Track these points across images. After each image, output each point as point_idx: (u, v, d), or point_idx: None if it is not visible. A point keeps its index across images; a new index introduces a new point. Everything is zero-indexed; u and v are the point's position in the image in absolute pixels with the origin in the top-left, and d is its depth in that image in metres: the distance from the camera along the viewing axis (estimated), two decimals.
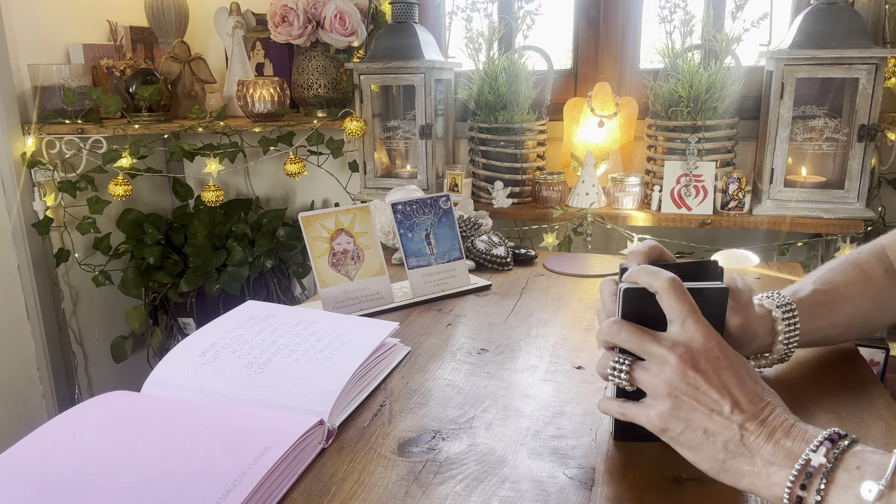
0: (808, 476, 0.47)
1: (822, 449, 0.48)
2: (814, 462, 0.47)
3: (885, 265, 0.76)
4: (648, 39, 1.71)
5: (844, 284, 0.74)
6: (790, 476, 0.48)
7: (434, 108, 1.60)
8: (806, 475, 0.47)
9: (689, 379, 0.53)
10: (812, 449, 0.48)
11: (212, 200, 1.73)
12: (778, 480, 0.48)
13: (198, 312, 1.92)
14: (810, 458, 0.47)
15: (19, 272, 1.68)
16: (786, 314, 0.70)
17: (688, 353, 0.53)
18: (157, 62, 1.95)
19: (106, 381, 1.96)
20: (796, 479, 0.47)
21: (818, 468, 0.47)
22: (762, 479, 0.49)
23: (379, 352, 0.78)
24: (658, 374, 0.54)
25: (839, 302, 0.73)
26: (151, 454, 0.57)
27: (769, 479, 0.49)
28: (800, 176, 1.48)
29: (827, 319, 0.73)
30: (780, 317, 0.70)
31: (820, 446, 0.48)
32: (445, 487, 0.57)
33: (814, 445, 0.48)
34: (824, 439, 0.48)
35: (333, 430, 0.65)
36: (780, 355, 0.71)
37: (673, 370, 0.53)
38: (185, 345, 0.76)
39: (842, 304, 0.73)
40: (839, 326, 0.74)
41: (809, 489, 0.47)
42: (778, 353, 0.71)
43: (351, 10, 1.68)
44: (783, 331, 0.70)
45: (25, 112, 1.69)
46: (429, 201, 1.08)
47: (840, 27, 1.34)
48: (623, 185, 1.54)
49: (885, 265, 0.76)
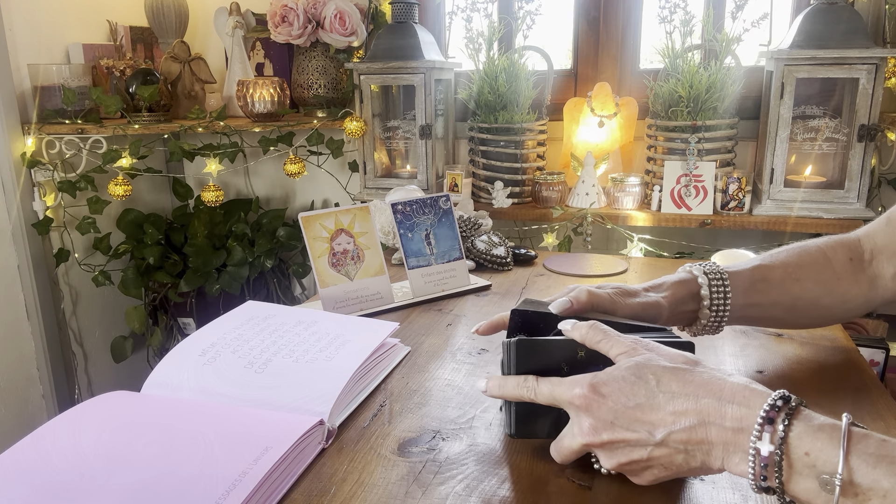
0: (764, 467, 0.45)
1: (766, 434, 0.45)
2: (763, 452, 0.45)
3: (851, 254, 0.74)
4: (648, 39, 1.71)
5: (796, 265, 0.73)
6: (749, 470, 0.46)
7: (434, 108, 1.60)
8: (762, 466, 0.46)
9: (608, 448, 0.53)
10: (756, 435, 0.46)
11: (212, 200, 1.73)
12: (743, 470, 0.47)
13: (198, 312, 1.92)
14: (759, 449, 0.46)
15: (19, 272, 1.68)
16: (713, 281, 0.70)
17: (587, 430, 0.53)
18: (157, 62, 1.96)
19: (106, 381, 1.96)
20: (755, 473, 0.46)
21: (769, 457, 0.45)
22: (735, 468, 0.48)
23: (379, 352, 0.78)
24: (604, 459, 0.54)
25: (785, 281, 0.72)
26: (151, 454, 0.57)
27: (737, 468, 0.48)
28: (800, 176, 1.48)
29: (767, 296, 0.72)
30: (705, 283, 0.70)
31: (762, 431, 0.46)
32: (445, 487, 0.57)
33: (756, 431, 0.46)
34: (763, 421, 0.46)
35: (333, 430, 0.65)
36: (707, 321, 0.71)
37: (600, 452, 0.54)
38: (185, 345, 0.76)
39: (788, 283, 0.72)
40: (781, 307, 0.73)
41: (770, 479, 0.45)
42: (706, 319, 0.71)
43: (351, 10, 1.68)
44: (707, 296, 0.70)
45: (25, 112, 1.69)
46: (429, 201, 1.08)
47: (840, 27, 1.34)
48: (623, 185, 1.54)
49: (852, 254, 0.74)
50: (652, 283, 0.71)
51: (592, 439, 0.53)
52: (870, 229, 0.75)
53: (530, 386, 0.57)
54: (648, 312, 0.67)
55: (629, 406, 0.51)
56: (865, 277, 0.73)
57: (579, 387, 0.53)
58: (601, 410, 0.52)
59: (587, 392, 0.53)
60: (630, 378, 0.52)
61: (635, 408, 0.51)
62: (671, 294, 0.70)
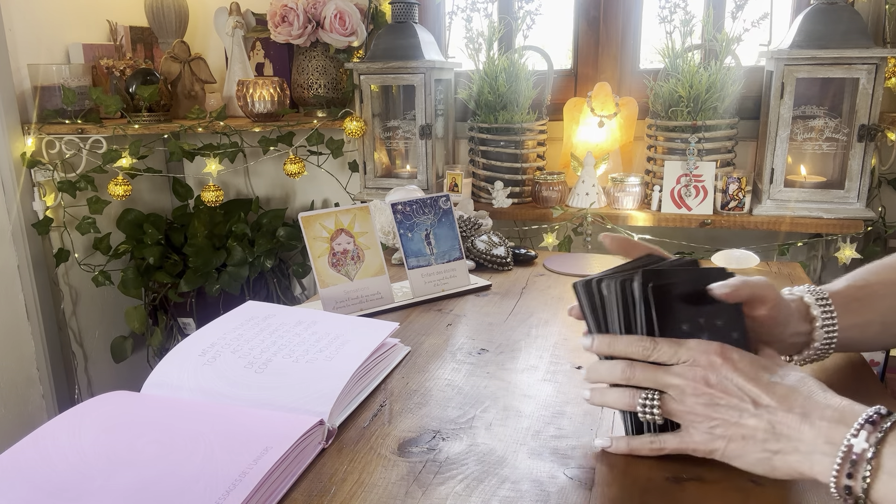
0: (852, 464, 0.45)
1: (864, 433, 0.46)
2: (856, 448, 0.45)
3: None
4: (648, 39, 1.71)
5: (879, 283, 0.72)
6: (834, 465, 0.46)
7: (434, 108, 1.60)
8: (850, 463, 0.45)
9: (706, 399, 0.54)
10: (853, 433, 0.46)
11: (212, 200, 1.73)
12: (823, 469, 0.47)
13: (198, 312, 1.92)
14: (852, 445, 0.46)
15: (19, 272, 1.68)
16: (819, 300, 0.68)
17: (697, 377, 0.55)
18: (157, 62, 1.96)
19: (106, 381, 1.96)
20: (840, 469, 0.46)
21: (861, 454, 0.45)
22: (809, 468, 0.49)
23: (379, 352, 0.78)
24: (681, 403, 0.56)
25: (874, 298, 0.71)
26: (151, 454, 0.57)
27: (814, 467, 0.48)
28: (800, 176, 1.48)
29: (862, 316, 0.70)
30: (812, 302, 0.68)
31: (861, 430, 0.46)
32: (445, 487, 0.57)
33: (854, 429, 0.46)
34: (865, 422, 0.46)
35: (333, 430, 0.65)
36: (820, 343, 0.68)
37: (691, 397, 0.55)
38: (185, 345, 0.76)
39: (877, 300, 0.71)
40: (876, 324, 0.71)
41: (856, 477, 0.45)
42: (819, 341, 0.68)
43: (351, 10, 1.68)
44: (820, 316, 0.67)
45: (25, 112, 1.69)
46: (429, 201, 1.08)
47: (840, 27, 1.34)
48: (623, 185, 1.54)
49: None
50: None
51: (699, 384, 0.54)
52: None
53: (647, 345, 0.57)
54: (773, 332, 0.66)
55: (750, 377, 0.53)
56: None
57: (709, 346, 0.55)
58: (722, 369, 0.54)
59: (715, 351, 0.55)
60: (762, 362, 0.55)
61: (754, 380, 0.53)
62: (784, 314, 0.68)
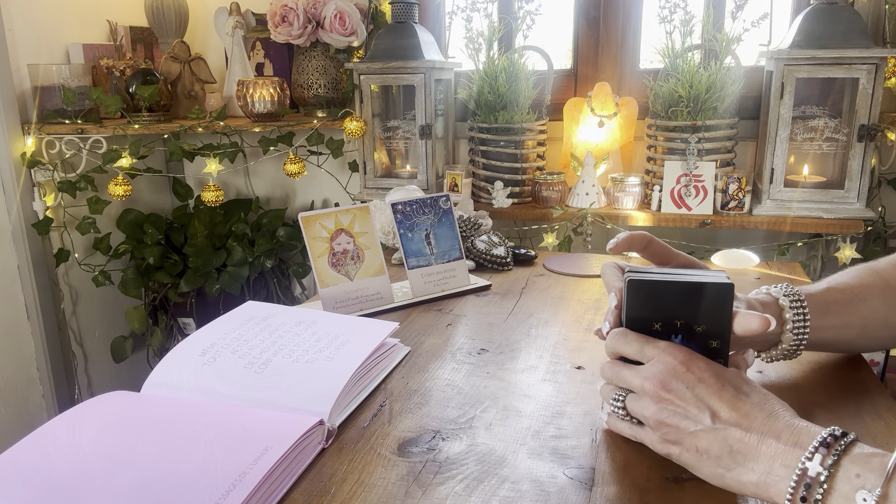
0: (807, 487, 0.46)
1: (818, 456, 0.46)
2: (811, 472, 0.46)
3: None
4: (648, 39, 1.71)
5: (860, 286, 0.73)
6: (789, 488, 0.47)
7: (434, 108, 1.60)
8: (805, 486, 0.46)
9: (664, 404, 0.55)
10: (808, 456, 0.47)
11: (212, 200, 1.73)
12: (778, 492, 0.48)
13: (198, 312, 1.92)
14: (807, 468, 0.46)
15: (19, 272, 1.68)
16: (793, 303, 0.69)
17: (656, 380, 0.55)
18: (157, 62, 1.96)
19: (106, 381, 1.96)
20: (795, 491, 0.46)
21: (815, 478, 0.46)
22: (763, 490, 0.49)
23: (379, 352, 0.78)
24: (642, 406, 0.57)
25: (854, 302, 0.72)
26: (151, 454, 0.57)
27: (770, 489, 0.49)
28: (800, 176, 1.48)
29: (840, 318, 0.71)
30: (787, 304, 0.68)
31: (815, 453, 0.47)
32: (445, 487, 0.57)
33: (809, 452, 0.47)
34: (819, 444, 0.47)
35: (333, 430, 0.65)
36: (788, 345, 0.69)
37: (649, 400, 0.56)
38: (185, 345, 0.76)
39: (857, 304, 0.72)
40: (854, 328, 0.72)
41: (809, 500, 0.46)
42: (787, 343, 0.69)
43: (351, 10, 1.68)
44: (791, 319, 0.68)
45: (25, 112, 1.69)
46: (429, 201, 1.08)
47: (840, 27, 1.34)
48: (623, 185, 1.54)
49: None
50: None
51: (656, 388, 0.55)
52: None
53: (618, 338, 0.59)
54: None
55: (711, 388, 0.53)
56: None
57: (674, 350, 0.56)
58: (685, 376, 0.54)
59: (681, 358, 0.55)
60: (728, 376, 0.55)
61: (716, 393, 0.53)
62: None
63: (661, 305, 0.58)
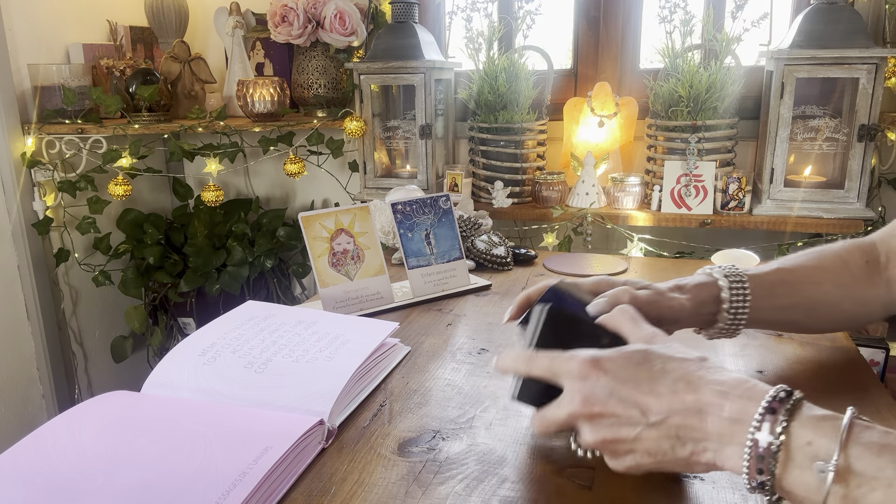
0: (760, 459, 0.44)
1: (766, 425, 0.45)
2: (761, 442, 0.44)
3: (867, 257, 0.74)
4: (648, 39, 1.71)
5: (814, 268, 0.73)
6: (744, 463, 0.45)
7: (434, 108, 1.60)
8: (759, 458, 0.44)
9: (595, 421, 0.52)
10: (755, 426, 0.45)
11: (212, 200, 1.73)
12: (735, 465, 0.46)
13: (198, 312, 1.92)
14: (757, 439, 0.45)
15: (19, 272, 1.68)
16: (733, 284, 0.69)
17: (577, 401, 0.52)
18: (157, 62, 1.95)
19: (106, 381, 1.96)
20: (751, 464, 0.45)
21: (767, 448, 0.44)
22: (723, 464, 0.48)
23: (379, 352, 0.78)
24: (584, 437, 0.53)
25: (804, 284, 0.72)
26: (151, 454, 0.57)
27: (726, 463, 0.47)
28: (800, 176, 1.48)
29: (788, 299, 0.72)
30: (725, 285, 0.69)
31: (762, 421, 0.45)
32: (445, 487, 0.57)
33: (756, 421, 0.45)
34: (765, 412, 0.45)
35: (333, 430, 0.65)
36: (725, 323, 0.70)
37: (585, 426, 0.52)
38: (185, 345, 0.76)
39: (807, 286, 0.72)
40: (801, 310, 0.72)
41: (766, 472, 0.44)
42: (724, 322, 0.70)
43: (351, 10, 1.68)
44: (728, 299, 0.69)
45: (25, 112, 1.69)
46: (429, 201, 1.08)
47: (840, 27, 1.34)
48: (623, 185, 1.54)
49: (868, 257, 0.74)
50: (673, 284, 0.70)
51: (582, 409, 0.51)
52: (885, 233, 0.75)
53: (528, 355, 0.56)
54: (671, 315, 0.67)
55: (629, 384, 0.50)
56: (882, 280, 0.73)
57: (580, 359, 0.53)
58: (598, 383, 0.51)
59: (587, 365, 0.52)
60: (636, 358, 0.52)
61: (635, 387, 0.50)
62: (693, 297, 0.69)
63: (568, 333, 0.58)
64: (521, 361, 0.57)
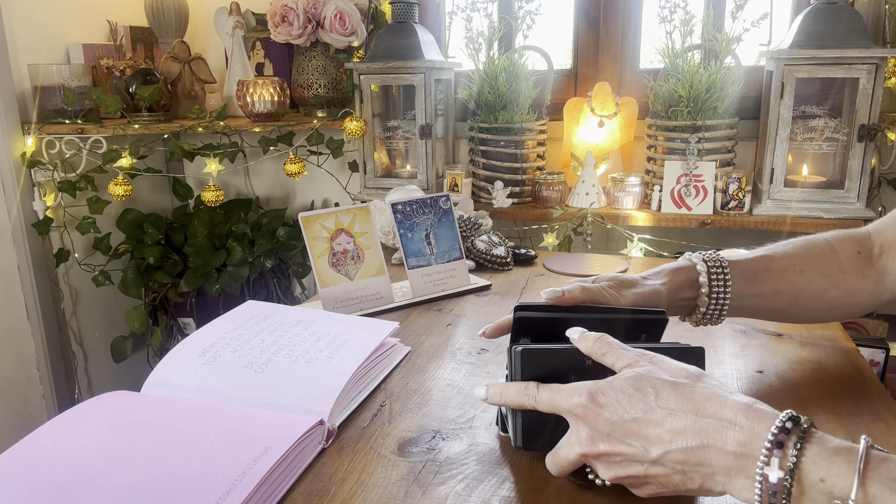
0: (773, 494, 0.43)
1: (775, 460, 0.43)
2: (771, 479, 0.43)
3: (859, 248, 0.72)
4: (648, 39, 1.71)
5: (802, 257, 0.72)
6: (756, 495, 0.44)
7: (434, 108, 1.60)
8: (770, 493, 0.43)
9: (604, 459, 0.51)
10: (763, 461, 0.43)
11: (212, 200, 1.73)
12: (748, 497, 0.45)
13: (198, 312, 1.92)
14: (767, 475, 0.43)
15: (19, 272, 1.68)
16: (712, 269, 0.69)
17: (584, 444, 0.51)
18: (157, 62, 1.95)
19: (106, 381, 1.96)
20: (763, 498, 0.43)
21: (778, 483, 0.42)
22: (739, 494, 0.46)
23: (379, 352, 0.78)
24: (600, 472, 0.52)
25: (789, 272, 0.71)
26: (151, 454, 0.57)
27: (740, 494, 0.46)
28: (800, 176, 1.48)
29: (770, 287, 0.71)
30: (703, 270, 0.69)
31: (770, 456, 0.43)
32: (445, 487, 0.57)
33: (763, 456, 0.43)
34: (771, 445, 0.43)
35: (333, 430, 0.65)
36: (707, 309, 0.70)
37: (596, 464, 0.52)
38: (185, 345, 0.76)
39: (792, 274, 0.71)
40: (784, 298, 0.71)
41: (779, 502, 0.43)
42: (704, 307, 0.69)
43: (351, 10, 1.68)
44: (706, 283, 0.69)
45: (25, 112, 1.69)
46: (429, 201, 1.08)
47: (840, 27, 1.34)
48: (623, 185, 1.54)
49: (860, 248, 0.72)
50: (651, 272, 0.70)
51: (589, 450, 0.51)
52: (881, 224, 0.74)
53: (531, 393, 0.55)
54: (647, 301, 0.66)
55: (626, 419, 0.49)
56: (874, 272, 0.72)
57: (578, 395, 0.52)
58: (598, 421, 0.50)
59: (585, 401, 0.51)
60: (628, 390, 0.50)
61: (632, 421, 0.49)
62: (669, 281, 0.69)
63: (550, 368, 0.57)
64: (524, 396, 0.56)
